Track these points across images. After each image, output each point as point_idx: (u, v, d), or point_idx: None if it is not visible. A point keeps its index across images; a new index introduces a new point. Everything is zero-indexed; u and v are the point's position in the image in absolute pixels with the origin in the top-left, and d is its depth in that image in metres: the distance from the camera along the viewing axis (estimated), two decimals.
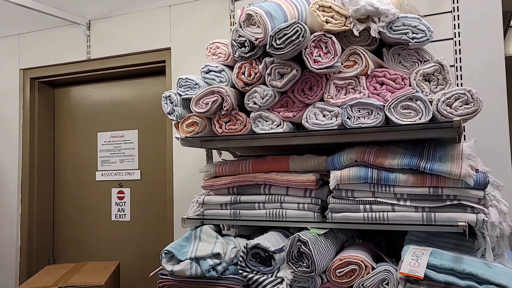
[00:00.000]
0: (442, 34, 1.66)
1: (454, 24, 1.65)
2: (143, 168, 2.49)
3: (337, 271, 1.34)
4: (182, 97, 1.57)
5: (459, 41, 1.64)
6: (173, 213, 2.20)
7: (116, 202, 2.52)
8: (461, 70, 1.64)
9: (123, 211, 2.50)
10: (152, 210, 2.43)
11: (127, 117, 2.55)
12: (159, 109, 2.38)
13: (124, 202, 2.50)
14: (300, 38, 1.27)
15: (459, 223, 1.19)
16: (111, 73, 2.49)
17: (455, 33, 1.65)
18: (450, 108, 1.22)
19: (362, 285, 1.31)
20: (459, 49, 1.64)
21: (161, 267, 1.50)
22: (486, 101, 1.60)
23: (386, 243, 1.60)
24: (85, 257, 2.56)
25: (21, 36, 2.65)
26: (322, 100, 1.39)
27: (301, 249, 1.32)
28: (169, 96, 1.60)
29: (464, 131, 1.64)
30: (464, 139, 1.63)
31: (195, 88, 1.55)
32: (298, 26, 1.27)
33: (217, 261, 1.44)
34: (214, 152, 1.87)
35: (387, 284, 1.29)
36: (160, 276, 1.52)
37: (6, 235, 2.59)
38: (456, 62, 1.64)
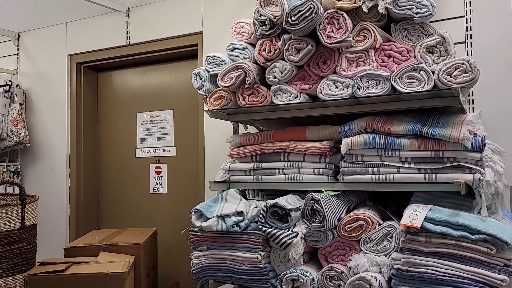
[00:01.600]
0: (454, 13, 1.75)
1: (466, 2, 1.74)
2: (178, 145, 2.70)
3: (346, 226, 1.49)
4: (210, 73, 1.76)
5: (470, 18, 1.72)
6: (204, 184, 2.40)
7: (154, 177, 2.76)
8: (471, 46, 1.73)
9: (160, 185, 2.74)
10: (186, 184, 2.65)
11: (163, 98, 2.77)
12: (192, 91, 2.59)
13: (161, 177, 2.74)
14: (313, 15, 1.41)
15: (455, 181, 1.31)
16: (148, 57, 2.71)
17: (466, 11, 1.73)
18: (450, 77, 1.33)
19: (369, 238, 1.46)
20: (470, 26, 1.73)
21: (191, 225, 1.70)
22: (495, 76, 1.69)
23: (396, 207, 1.73)
24: (126, 225, 2.82)
25: (68, 24, 2.92)
26: (335, 72, 1.53)
27: (314, 206, 1.48)
28: (199, 72, 1.78)
29: (473, 103, 1.73)
30: (473, 111, 1.72)
31: (221, 64, 1.73)
32: (311, 4, 1.42)
33: (240, 218, 1.62)
34: (240, 126, 2.04)
35: (391, 237, 1.43)
36: (191, 233, 1.71)
37: (58, 204, 2.89)
38: (467, 39, 1.73)
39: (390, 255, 1.39)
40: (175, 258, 2.62)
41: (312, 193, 1.50)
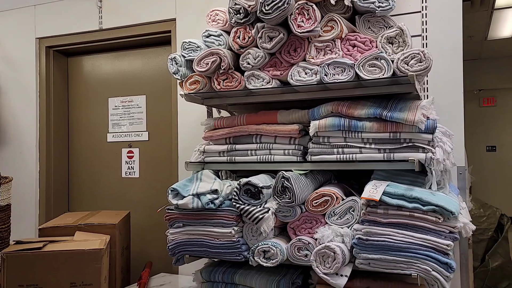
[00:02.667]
0: (412, 8, 1.91)
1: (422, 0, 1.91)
2: (151, 130, 2.76)
3: (313, 201, 1.62)
4: (185, 58, 1.83)
5: (426, 13, 1.89)
6: (177, 168, 2.47)
7: (126, 161, 2.81)
8: (426, 39, 1.89)
9: (132, 169, 2.79)
10: (159, 168, 2.71)
11: (135, 84, 2.80)
12: (165, 77, 2.65)
13: (133, 161, 2.79)
14: (285, 5, 1.52)
15: (409, 159, 1.46)
16: (120, 43, 2.74)
17: (422, 6, 1.90)
18: (407, 66, 1.48)
19: (333, 212, 1.60)
20: (426, 21, 1.89)
21: (165, 206, 1.79)
22: (447, 66, 1.87)
23: (358, 186, 1.88)
24: (97, 209, 2.85)
25: (37, 6, 2.89)
26: (304, 60, 1.65)
27: (284, 184, 1.60)
28: (174, 57, 1.86)
29: (427, 91, 1.90)
30: (427, 98, 1.89)
31: (197, 50, 1.81)
32: None
33: (215, 196, 1.72)
34: (214, 110, 2.13)
35: (353, 210, 1.57)
36: (167, 211, 1.80)
37: (27, 189, 2.88)
38: (423, 32, 1.90)
39: (352, 226, 1.54)
40: (147, 240, 2.68)
41: (283, 171, 1.62)
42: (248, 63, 1.72)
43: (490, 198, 3.63)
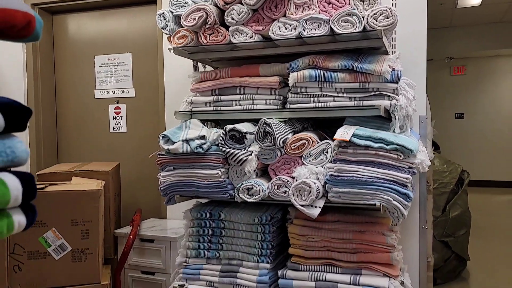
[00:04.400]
0: None
1: None
2: (137, 87, 2.88)
3: (292, 145, 1.81)
4: (173, 14, 1.96)
5: None
6: (164, 123, 2.62)
7: (113, 117, 2.93)
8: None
9: (120, 124, 2.92)
10: (146, 122, 2.86)
11: (121, 42, 2.90)
12: (151, 35, 2.75)
13: (121, 116, 2.91)
14: None
15: (376, 105, 1.67)
16: (105, 2, 2.81)
17: None
18: (376, 21, 1.66)
19: (309, 154, 1.80)
20: None
21: (154, 155, 1.95)
22: (412, 25, 2.05)
23: (331, 134, 2.08)
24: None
25: None
26: (284, 16, 1.80)
27: (266, 129, 1.79)
28: (163, 13, 1.98)
29: (395, 48, 2.09)
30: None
31: (184, 6, 1.93)
32: None
33: (203, 141, 1.90)
34: (200, 66, 2.27)
35: (327, 152, 1.78)
36: (158, 156, 1.96)
37: None
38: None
39: (325, 165, 1.75)
40: (136, 190, 2.85)
41: (264, 118, 1.80)
42: (233, 19, 1.86)
43: (457, 162, 3.93)
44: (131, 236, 2.14)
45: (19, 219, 0.59)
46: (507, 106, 8.31)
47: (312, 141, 1.80)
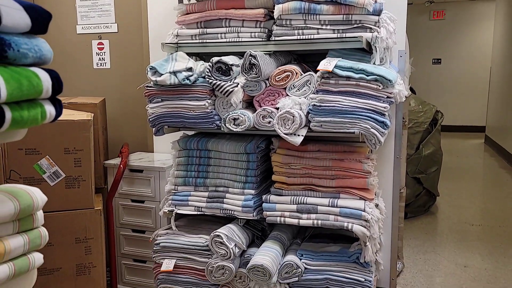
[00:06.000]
0: None
1: None
2: (120, 22, 2.84)
3: (276, 77, 1.88)
4: None
5: None
6: (149, 58, 2.63)
7: (96, 52, 2.91)
8: None
9: (104, 60, 2.90)
10: (130, 58, 2.85)
11: None
12: None
13: (104, 52, 2.89)
14: None
15: (359, 36, 1.73)
16: None
17: None
18: None
19: (293, 85, 1.87)
20: None
21: (147, 81, 1.99)
22: None
23: (314, 68, 2.15)
24: None
25: None
26: None
27: (251, 61, 1.84)
28: None
29: None
30: None
31: None
32: None
33: (190, 73, 1.94)
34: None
35: (310, 83, 1.85)
36: (146, 88, 2.00)
37: None
38: None
39: (308, 96, 1.83)
40: (122, 125, 2.90)
41: (250, 50, 1.85)
42: None
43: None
44: (121, 166, 2.22)
45: (50, 109, 0.66)
46: (483, 52, 8.46)
47: (296, 73, 1.87)
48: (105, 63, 2.90)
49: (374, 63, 1.80)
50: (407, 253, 3.19)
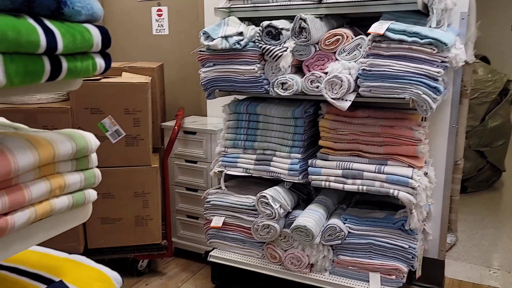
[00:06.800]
0: None
1: None
2: None
3: (326, 41, 1.87)
4: None
5: None
6: (203, 22, 2.69)
7: (156, 19, 3.02)
8: None
9: (162, 27, 3.02)
10: (187, 24, 2.93)
11: None
12: None
13: (163, 19, 3.00)
14: None
15: None
16: None
17: None
18: None
19: (343, 49, 1.85)
20: None
21: (200, 46, 2.06)
22: None
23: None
24: None
25: None
26: None
27: (301, 25, 1.83)
28: None
29: None
30: None
31: None
32: None
33: (241, 37, 1.98)
34: None
35: (360, 47, 1.82)
36: (199, 52, 2.08)
37: None
38: None
39: (358, 61, 1.80)
40: (179, 90, 3.02)
41: (300, 14, 1.84)
42: None
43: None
44: (175, 127, 2.35)
45: (100, 61, 0.74)
46: None
47: (347, 37, 1.84)
48: (163, 29, 3.02)
49: (430, 26, 1.72)
50: (462, 227, 3.09)
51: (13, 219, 0.67)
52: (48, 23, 0.65)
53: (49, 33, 0.64)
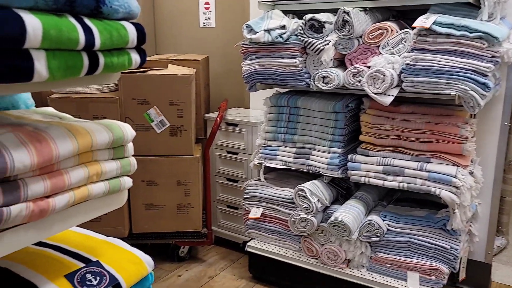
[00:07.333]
0: None
1: None
2: None
3: (370, 34, 1.82)
4: None
5: None
6: (249, 15, 2.72)
7: (203, 12, 3.09)
8: None
9: (209, 19, 3.08)
10: (233, 18, 2.97)
11: None
12: None
13: (210, 12, 3.06)
14: None
15: None
16: None
17: None
18: None
19: (387, 43, 1.80)
20: None
21: (243, 39, 2.08)
22: None
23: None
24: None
25: None
26: None
27: (345, 18, 1.80)
28: None
29: None
30: None
31: None
32: None
33: (283, 31, 1.98)
34: None
35: (405, 41, 1.76)
36: (242, 45, 2.10)
37: None
38: None
39: (402, 55, 1.75)
40: (223, 82, 3.08)
41: (344, 7, 1.81)
42: None
43: None
44: (218, 119, 2.40)
45: (135, 57, 0.79)
46: None
47: (391, 30, 1.79)
48: (210, 22, 3.07)
49: (481, 19, 1.64)
50: None
51: (54, 202, 0.73)
52: (87, 21, 0.70)
53: (88, 31, 0.69)
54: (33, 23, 0.61)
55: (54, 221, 0.76)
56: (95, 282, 0.82)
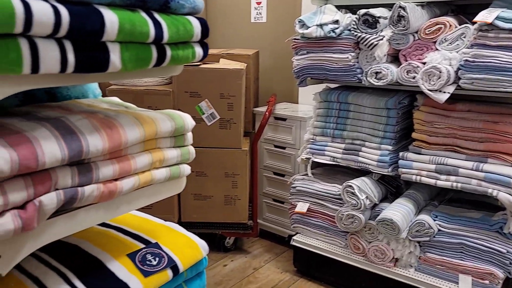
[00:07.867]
0: None
1: None
2: None
3: (426, 30, 1.77)
4: None
5: None
6: (300, 10, 2.72)
7: (254, 7, 3.12)
8: None
9: (260, 14, 3.10)
10: (284, 13, 2.98)
11: None
12: None
13: (261, 7, 3.08)
14: None
15: None
16: None
17: None
18: None
19: (444, 38, 1.74)
20: None
21: (295, 34, 2.09)
22: None
23: None
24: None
25: None
26: None
27: (400, 13, 1.77)
28: None
29: None
30: None
31: None
32: None
33: (336, 25, 1.97)
34: None
35: (464, 37, 1.70)
36: (294, 40, 2.11)
37: None
38: None
39: (460, 51, 1.69)
40: (272, 76, 3.10)
41: (400, 1, 1.77)
42: None
43: None
44: (267, 113, 2.43)
45: (198, 50, 0.83)
46: None
47: (450, 25, 1.73)
48: (261, 17, 3.10)
49: None
50: None
51: (122, 184, 0.78)
52: (157, 16, 0.75)
53: (157, 25, 0.73)
54: (111, 18, 0.66)
55: (121, 203, 0.82)
56: (154, 263, 0.88)
